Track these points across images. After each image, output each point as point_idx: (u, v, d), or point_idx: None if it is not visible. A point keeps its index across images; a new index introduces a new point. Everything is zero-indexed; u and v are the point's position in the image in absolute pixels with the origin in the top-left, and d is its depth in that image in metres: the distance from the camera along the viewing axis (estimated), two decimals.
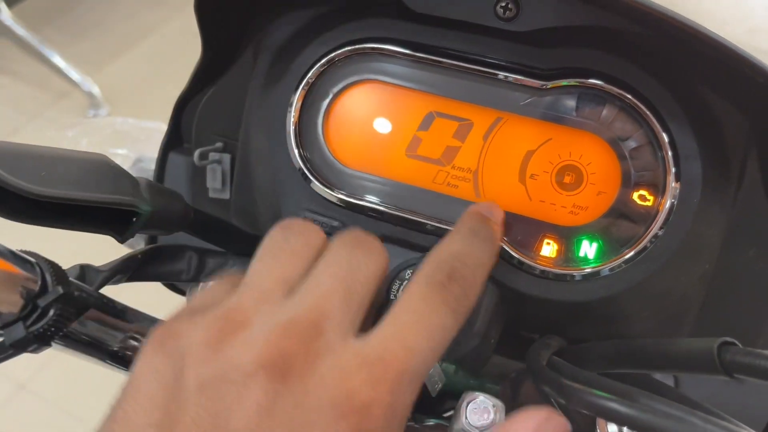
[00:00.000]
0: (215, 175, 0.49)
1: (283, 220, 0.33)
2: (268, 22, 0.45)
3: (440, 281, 0.31)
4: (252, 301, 0.29)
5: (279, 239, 0.32)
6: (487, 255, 0.35)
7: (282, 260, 0.31)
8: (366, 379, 0.27)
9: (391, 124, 0.44)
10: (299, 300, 0.29)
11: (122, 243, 0.39)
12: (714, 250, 0.41)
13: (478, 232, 0.36)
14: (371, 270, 0.31)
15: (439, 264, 0.32)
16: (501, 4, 0.41)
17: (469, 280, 0.32)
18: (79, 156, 0.37)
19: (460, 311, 0.31)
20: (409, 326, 0.29)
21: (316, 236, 0.33)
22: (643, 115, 0.39)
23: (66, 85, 2.29)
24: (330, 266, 0.31)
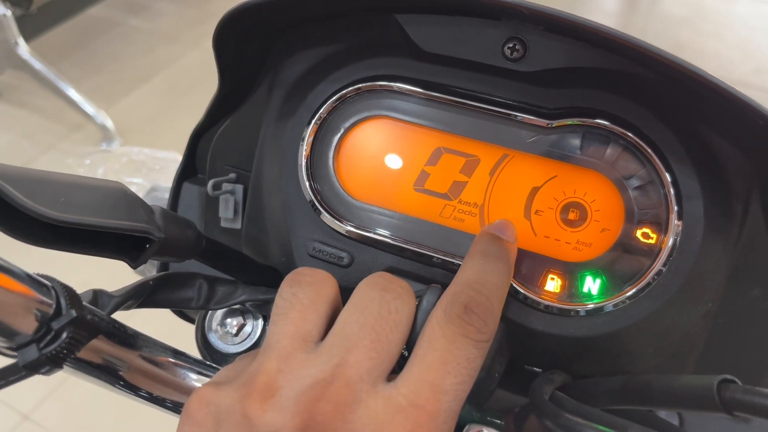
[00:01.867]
0: (228, 205, 0.50)
1: (290, 274, 0.33)
2: (284, 59, 0.47)
3: (458, 314, 0.32)
4: (274, 364, 0.29)
5: (288, 296, 0.32)
6: (501, 276, 0.35)
7: (293, 317, 0.32)
8: (401, 425, 0.28)
9: (400, 158, 0.45)
10: (325, 355, 0.29)
11: (135, 269, 0.39)
12: (717, 289, 0.42)
13: (489, 253, 0.36)
14: (403, 314, 0.32)
15: (455, 296, 0.33)
16: (509, 45, 0.42)
17: (485, 306, 0.33)
18: (95, 183, 0.38)
19: (482, 339, 0.32)
20: (435, 366, 0.30)
21: (325, 283, 0.33)
22: (646, 154, 0.40)
23: (80, 118, 2.33)
24: (357, 313, 0.31)
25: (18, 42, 2.27)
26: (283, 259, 0.46)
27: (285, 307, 0.32)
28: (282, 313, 0.32)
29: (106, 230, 0.36)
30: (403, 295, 0.33)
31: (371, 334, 0.30)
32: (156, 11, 3.07)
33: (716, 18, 2.91)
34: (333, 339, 0.30)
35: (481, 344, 0.32)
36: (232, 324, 0.46)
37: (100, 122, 2.28)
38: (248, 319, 0.46)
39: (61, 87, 2.28)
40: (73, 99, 2.28)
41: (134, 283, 0.41)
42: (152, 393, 0.38)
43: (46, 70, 2.29)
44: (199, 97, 0.46)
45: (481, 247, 0.37)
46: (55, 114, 2.41)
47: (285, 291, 0.33)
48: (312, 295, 0.32)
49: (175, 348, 0.40)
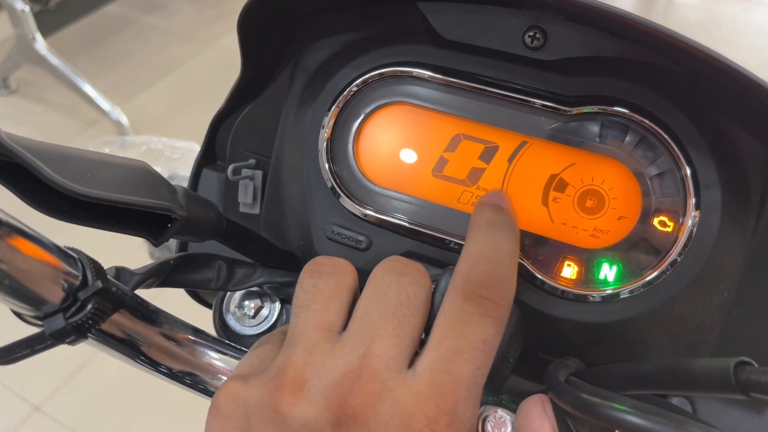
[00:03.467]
0: (247, 190, 0.50)
1: (308, 264, 0.34)
2: (306, 46, 0.47)
3: (472, 291, 0.31)
4: (300, 356, 0.30)
5: (309, 287, 0.33)
6: (511, 243, 0.35)
7: (316, 308, 0.32)
8: (424, 418, 0.28)
9: (419, 144, 0.45)
10: (350, 345, 0.30)
11: (157, 246, 0.40)
12: (734, 279, 0.42)
13: (495, 222, 0.36)
14: (421, 298, 0.32)
15: (468, 272, 0.32)
16: (529, 34, 0.42)
17: (501, 276, 0.32)
18: (121, 161, 0.39)
19: (500, 314, 0.32)
20: (450, 356, 0.30)
21: (345, 272, 0.33)
22: (664, 143, 0.41)
23: (95, 114, 2.36)
24: (377, 300, 0.31)
25: (35, 37, 2.30)
26: (302, 242, 0.47)
27: (307, 298, 0.32)
28: (304, 305, 0.32)
29: (130, 207, 0.36)
30: (419, 278, 0.33)
31: (393, 321, 0.30)
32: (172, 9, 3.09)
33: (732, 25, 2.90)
34: (356, 328, 0.31)
35: (499, 319, 0.31)
36: (250, 306, 0.46)
37: (115, 118, 2.31)
38: (266, 301, 0.47)
39: (77, 83, 2.31)
40: (88, 95, 2.31)
41: (156, 261, 0.42)
42: (172, 369, 0.38)
43: (62, 66, 2.32)
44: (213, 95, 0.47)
45: (485, 217, 0.37)
46: (70, 109, 2.44)
47: (306, 282, 0.33)
48: (333, 285, 0.33)
49: (195, 326, 0.41)
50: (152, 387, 0.91)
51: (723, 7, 3.03)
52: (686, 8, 3.06)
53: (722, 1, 3.06)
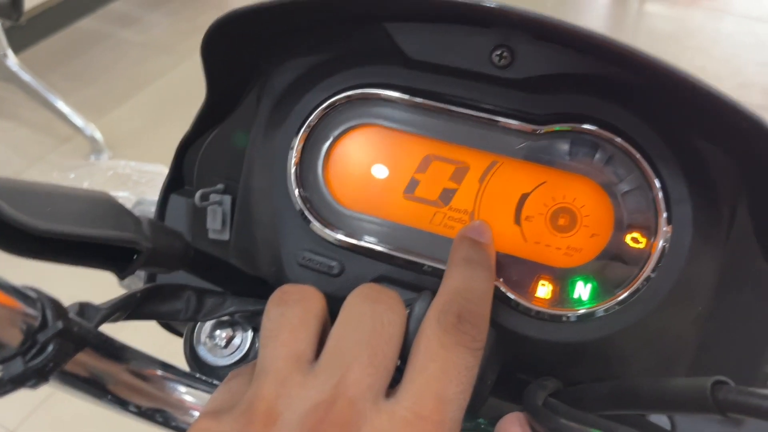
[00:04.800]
0: (215, 216, 0.49)
1: (275, 293, 0.33)
2: (272, 68, 0.47)
3: (452, 323, 0.32)
4: (272, 388, 0.29)
5: (276, 317, 0.32)
6: (486, 282, 0.36)
7: (284, 338, 0.31)
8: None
9: (390, 166, 0.45)
10: (323, 375, 0.29)
11: (122, 279, 0.39)
12: (708, 292, 0.42)
13: (471, 259, 0.37)
14: (396, 326, 0.32)
15: (446, 305, 0.33)
16: (497, 53, 0.42)
17: (476, 312, 0.33)
18: (82, 193, 0.38)
19: (477, 346, 0.32)
20: (437, 376, 0.30)
21: (312, 299, 0.33)
22: (634, 159, 0.40)
23: (69, 130, 2.33)
24: (350, 328, 0.31)
25: (6, 54, 2.26)
26: (273, 269, 0.46)
27: (274, 328, 0.32)
28: (272, 335, 0.31)
29: (93, 241, 0.35)
30: (393, 306, 0.32)
31: (367, 350, 0.30)
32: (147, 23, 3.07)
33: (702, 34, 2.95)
34: (328, 357, 0.30)
35: (477, 352, 0.32)
36: (221, 336, 0.45)
37: (89, 134, 2.28)
38: (237, 330, 0.46)
39: (50, 99, 2.27)
40: (62, 111, 2.27)
41: (122, 295, 0.41)
42: (141, 407, 0.37)
43: (35, 83, 2.28)
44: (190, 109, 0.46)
45: (463, 253, 0.38)
46: (44, 126, 2.40)
47: (272, 311, 0.32)
48: (300, 313, 0.32)
49: (163, 361, 0.40)
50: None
51: (694, 16, 3.08)
52: (657, 17, 3.11)
53: (693, 10, 3.11)
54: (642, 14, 3.17)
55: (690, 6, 3.11)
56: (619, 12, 3.22)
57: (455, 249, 0.39)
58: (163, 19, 3.09)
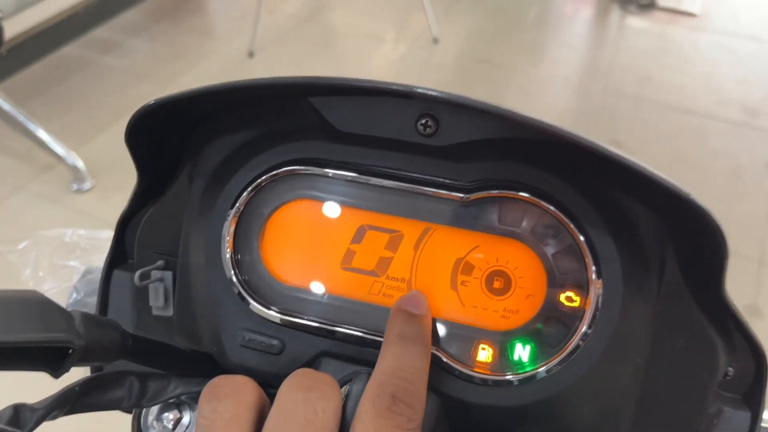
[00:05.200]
0: (158, 293, 0.49)
1: (206, 388, 0.33)
2: (201, 149, 0.47)
3: (386, 406, 0.32)
4: None
5: (208, 413, 0.32)
6: (421, 357, 0.36)
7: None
8: None
9: (326, 238, 0.45)
10: None
11: (57, 378, 0.39)
12: (644, 344, 0.42)
13: (405, 336, 0.37)
14: (330, 413, 0.31)
15: (380, 386, 0.33)
16: (421, 122, 0.42)
17: (411, 392, 0.33)
18: (8, 296, 0.37)
19: (413, 426, 0.32)
20: None
21: (244, 390, 0.33)
22: (560, 221, 0.41)
23: (50, 159, 2.31)
24: (283, 420, 0.30)
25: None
26: (215, 349, 0.46)
27: (207, 425, 0.31)
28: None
29: (23, 345, 0.35)
30: (327, 392, 0.32)
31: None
32: (128, 49, 3.06)
33: (680, 52, 2.99)
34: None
35: (414, 431, 0.32)
36: (169, 418, 0.45)
37: (71, 163, 2.25)
38: (185, 411, 0.45)
39: (30, 128, 2.24)
40: (42, 139, 2.24)
41: (58, 391, 0.40)
42: None
43: (14, 111, 2.24)
44: None
45: (397, 329, 0.38)
46: (24, 155, 2.38)
47: (204, 407, 0.32)
48: (232, 407, 0.32)
49: None
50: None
51: (673, 33, 3.11)
52: (637, 33, 3.14)
53: (672, 27, 3.14)
54: (622, 29, 3.20)
55: (669, 23, 3.15)
56: (599, 29, 3.25)
57: (390, 325, 0.39)
58: (143, 44, 3.08)
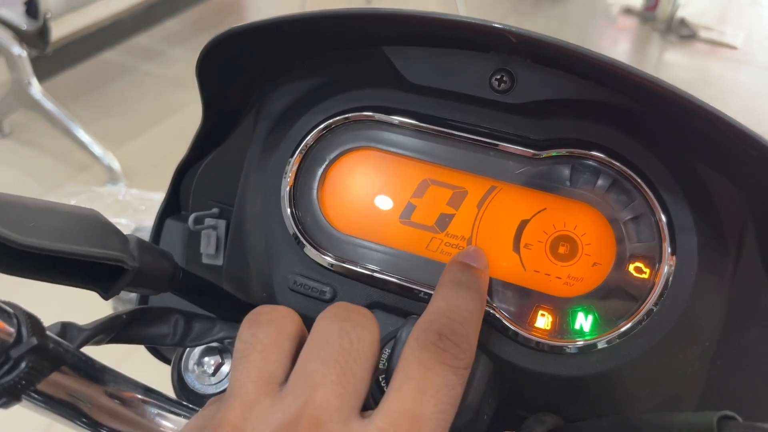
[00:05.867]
0: (209, 240, 0.48)
1: (248, 315, 0.32)
2: (269, 92, 0.46)
3: (432, 341, 0.30)
4: (238, 412, 0.28)
5: (247, 337, 0.31)
6: (473, 302, 0.34)
7: (255, 359, 0.30)
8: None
9: (386, 190, 0.44)
10: (289, 397, 0.28)
11: (107, 299, 0.38)
12: (714, 328, 0.40)
13: (459, 282, 0.35)
14: (366, 343, 0.30)
15: (427, 324, 0.32)
16: (496, 77, 0.41)
17: (459, 332, 0.31)
18: (68, 209, 0.37)
19: (460, 366, 0.30)
20: (413, 396, 0.28)
21: (286, 320, 0.32)
22: (638, 186, 0.39)
23: (87, 159, 2.36)
24: (318, 348, 0.30)
25: (31, 82, 2.31)
26: (264, 294, 0.45)
27: (245, 349, 0.30)
28: (243, 357, 0.30)
29: (77, 258, 0.34)
30: (363, 322, 0.31)
31: (335, 369, 0.28)
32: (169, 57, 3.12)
33: (721, 84, 2.95)
34: (296, 379, 0.29)
35: (460, 371, 0.30)
36: (210, 363, 0.44)
37: (107, 164, 2.31)
38: (226, 358, 0.44)
39: (70, 128, 2.31)
40: (81, 140, 2.31)
41: (106, 316, 0.40)
42: None
43: (56, 110, 2.32)
44: None
45: (451, 276, 0.36)
46: (63, 154, 2.43)
47: (244, 332, 0.31)
48: (273, 333, 0.31)
49: (147, 385, 0.39)
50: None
51: (712, 66, 3.08)
52: (676, 67, 3.11)
53: (711, 61, 3.11)
54: (661, 63, 3.18)
55: (709, 56, 3.12)
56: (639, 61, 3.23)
57: (445, 272, 0.37)
58: (186, 53, 3.15)
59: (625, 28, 3.35)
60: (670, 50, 3.19)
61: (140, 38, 3.19)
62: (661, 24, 3.24)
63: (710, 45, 3.15)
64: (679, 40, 3.16)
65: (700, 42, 3.16)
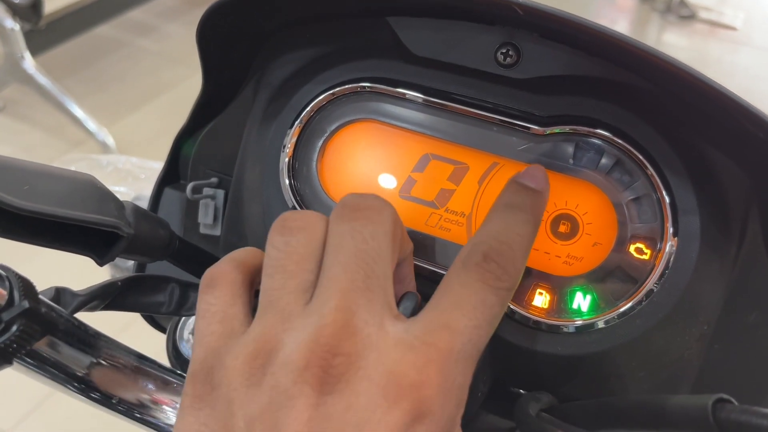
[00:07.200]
0: (207, 210, 0.48)
1: (277, 221, 0.31)
2: (270, 61, 0.46)
3: (475, 262, 0.30)
4: (278, 325, 0.27)
5: (281, 246, 0.30)
6: (525, 225, 0.33)
7: (291, 269, 0.29)
8: (412, 364, 0.26)
9: (386, 164, 0.43)
10: (320, 305, 0.27)
11: (101, 265, 0.38)
12: (713, 311, 0.40)
13: (512, 205, 0.34)
14: (380, 237, 0.29)
15: (474, 246, 0.31)
16: (502, 51, 0.41)
17: (506, 254, 0.30)
18: (65, 174, 0.36)
19: (501, 287, 0.29)
20: (448, 309, 0.28)
21: (317, 225, 0.30)
22: (641, 166, 0.39)
23: (81, 134, 2.34)
24: (336, 254, 0.29)
25: (24, 56, 2.28)
26: None
27: (280, 258, 0.29)
28: (279, 265, 0.29)
29: (71, 222, 0.34)
30: (372, 217, 0.30)
31: (359, 272, 0.28)
32: (164, 33, 3.09)
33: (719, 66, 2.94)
34: (322, 287, 0.28)
35: (501, 291, 0.29)
36: None
37: (101, 139, 2.29)
38: None
39: (64, 103, 2.29)
40: (75, 115, 2.29)
41: (101, 282, 0.39)
42: (111, 397, 0.36)
43: (50, 85, 2.30)
44: None
45: (506, 199, 0.35)
46: (57, 129, 2.41)
47: (276, 240, 0.30)
48: (305, 241, 0.30)
49: (140, 353, 0.38)
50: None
51: (711, 47, 3.07)
52: (675, 48, 3.10)
53: (710, 43, 3.10)
54: (660, 44, 3.16)
55: (708, 37, 3.10)
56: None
57: (500, 195, 0.35)
58: (180, 29, 3.12)
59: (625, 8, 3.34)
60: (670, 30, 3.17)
61: (134, 13, 3.15)
62: (661, 4, 3.22)
63: (709, 26, 3.14)
64: (678, 21, 3.14)
65: (699, 22, 3.15)
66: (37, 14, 2.25)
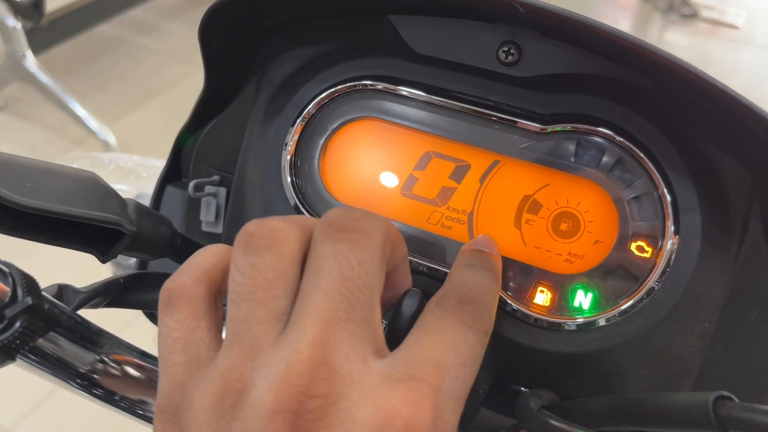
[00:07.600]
0: (209, 208, 0.48)
1: (240, 237, 0.27)
2: (272, 59, 0.46)
3: (451, 305, 0.29)
4: (247, 361, 0.24)
5: (245, 269, 0.26)
6: (489, 280, 0.33)
7: (258, 297, 0.25)
8: (404, 399, 0.24)
9: (388, 162, 0.43)
10: (294, 337, 0.24)
11: (104, 263, 0.38)
12: (715, 309, 0.40)
13: (473, 264, 0.34)
14: (368, 264, 0.26)
15: (446, 292, 0.30)
16: (503, 49, 0.41)
17: (479, 300, 0.30)
18: (68, 171, 0.37)
19: (480, 329, 0.29)
20: (434, 344, 0.27)
21: (287, 240, 0.27)
22: (643, 164, 0.39)
23: (83, 133, 2.34)
24: (317, 278, 0.25)
25: (26, 54, 2.29)
26: None
27: (246, 284, 0.26)
28: (244, 292, 0.26)
29: (74, 219, 0.34)
30: (360, 239, 0.26)
31: (341, 302, 0.25)
32: (165, 32, 3.10)
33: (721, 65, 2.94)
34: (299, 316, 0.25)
35: (480, 333, 0.28)
36: None
37: (103, 138, 2.29)
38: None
39: (66, 101, 2.29)
40: (77, 114, 2.29)
41: (103, 280, 0.39)
42: (113, 394, 0.36)
43: (52, 84, 2.30)
44: None
45: (465, 261, 0.35)
46: (58, 128, 2.42)
47: (240, 261, 0.26)
48: (274, 261, 0.26)
49: (142, 350, 0.38)
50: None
51: (712, 46, 3.07)
52: (677, 47, 3.10)
53: (712, 41, 3.09)
54: (662, 43, 3.16)
55: (710, 36, 3.10)
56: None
57: (457, 259, 0.36)
58: (180, 28, 3.12)
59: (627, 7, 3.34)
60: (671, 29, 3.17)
61: (136, 11, 3.15)
62: (663, 2, 3.22)
63: (711, 24, 3.14)
64: (680, 19, 3.15)
65: (701, 21, 3.15)
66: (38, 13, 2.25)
